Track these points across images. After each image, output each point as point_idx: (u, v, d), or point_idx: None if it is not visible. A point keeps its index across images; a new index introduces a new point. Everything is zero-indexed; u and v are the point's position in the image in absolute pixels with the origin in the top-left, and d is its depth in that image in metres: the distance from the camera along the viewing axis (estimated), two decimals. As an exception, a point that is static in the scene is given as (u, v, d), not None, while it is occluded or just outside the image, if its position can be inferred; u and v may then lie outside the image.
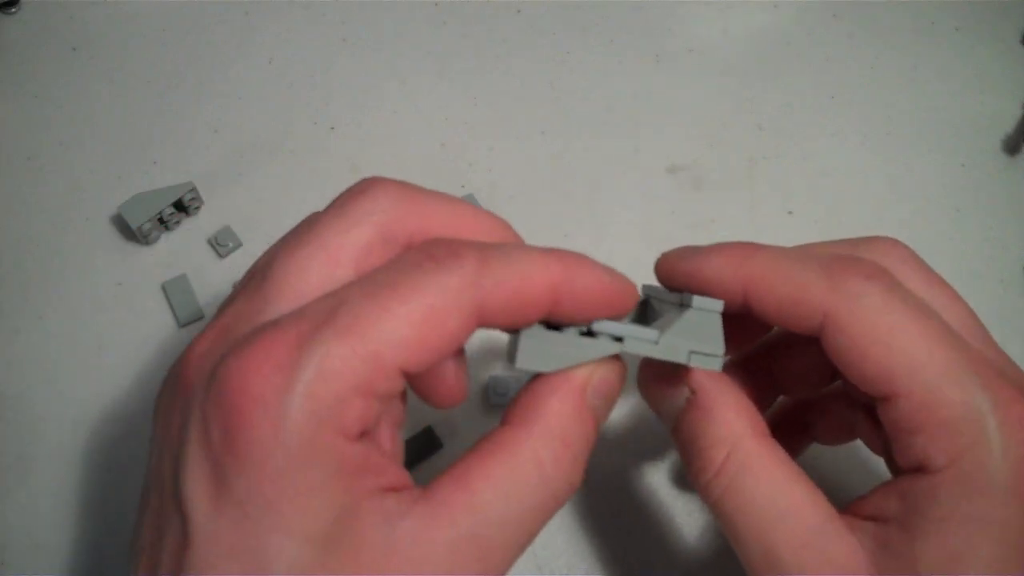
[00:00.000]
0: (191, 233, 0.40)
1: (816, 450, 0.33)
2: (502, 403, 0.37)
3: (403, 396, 0.24)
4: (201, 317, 0.38)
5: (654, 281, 0.29)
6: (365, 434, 0.21)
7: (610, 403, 0.25)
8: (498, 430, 0.23)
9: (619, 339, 0.24)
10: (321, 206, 0.43)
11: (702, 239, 0.41)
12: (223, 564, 0.20)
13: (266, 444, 0.20)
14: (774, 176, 0.42)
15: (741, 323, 0.27)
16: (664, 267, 0.28)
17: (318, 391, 0.20)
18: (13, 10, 0.45)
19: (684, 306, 0.26)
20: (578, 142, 0.43)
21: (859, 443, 0.30)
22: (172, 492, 0.21)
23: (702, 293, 0.26)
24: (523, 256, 0.23)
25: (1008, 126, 0.44)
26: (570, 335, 0.24)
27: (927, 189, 0.42)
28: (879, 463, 0.28)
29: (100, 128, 0.43)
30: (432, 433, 0.37)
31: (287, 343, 0.20)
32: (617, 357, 0.25)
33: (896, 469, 0.25)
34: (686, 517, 0.36)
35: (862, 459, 0.36)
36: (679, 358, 0.25)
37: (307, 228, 0.23)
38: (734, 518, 0.24)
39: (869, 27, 0.46)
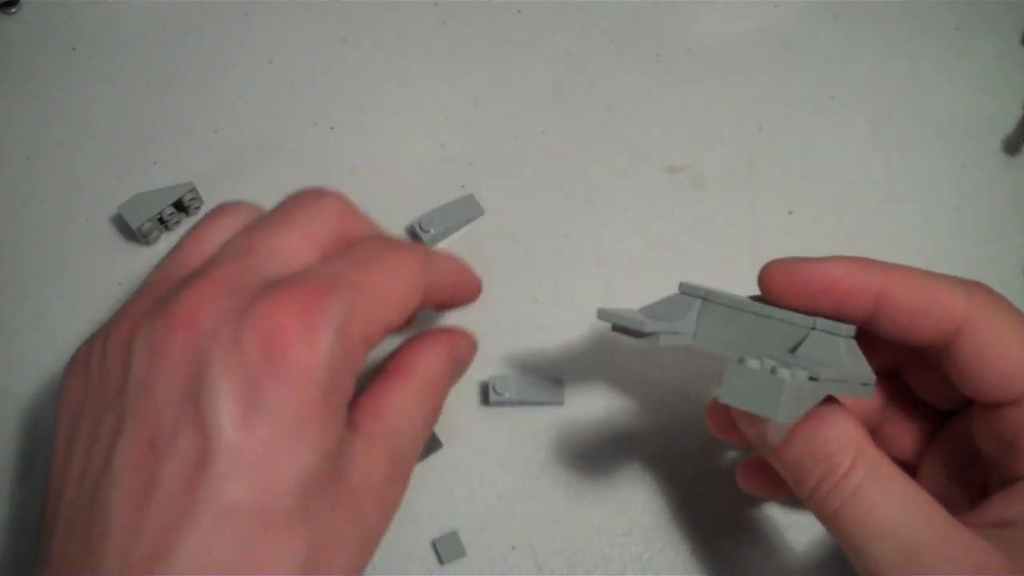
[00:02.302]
0: (191, 233, 0.40)
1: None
2: (502, 402, 0.37)
3: None
4: (201, 317, 0.38)
5: (653, 284, 0.29)
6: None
7: (465, 367, 0.32)
8: (386, 375, 0.29)
9: (814, 378, 0.24)
10: (321, 206, 0.43)
11: (702, 239, 0.41)
12: (248, 472, 0.23)
13: (307, 369, 0.23)
14: (774, 176, 0.42)
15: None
16: (777, 275, 0.28)
17: (349, 332, 0.25)
18: (13, 10, 0.45)
19: (817, 330, 0.26)
20: (578, 142, 0.43)
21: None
22: (183, 419, 0.23)
23: (825, 301, 0.26)
24: (440, 254, 0.31)
25: (1008, 126, 0.44)
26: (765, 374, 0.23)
27: (927, 189, 0.42)
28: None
29: (100, 128, 0.43)
30: (432, 433, 0.37)
31: (316, 291, 0.24)
32: (471, 335, 0.32)
33: (1009, 480, 0.26)
34: (686, 517, 0.36)
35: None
36: (857, 392, 0.25)
37: (284, 216, 0.28)
38: (865, 520, 0.24)
39: (869, 27, 0.46)
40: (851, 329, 0.26)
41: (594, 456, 0.37)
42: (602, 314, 0.27)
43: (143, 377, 0.24)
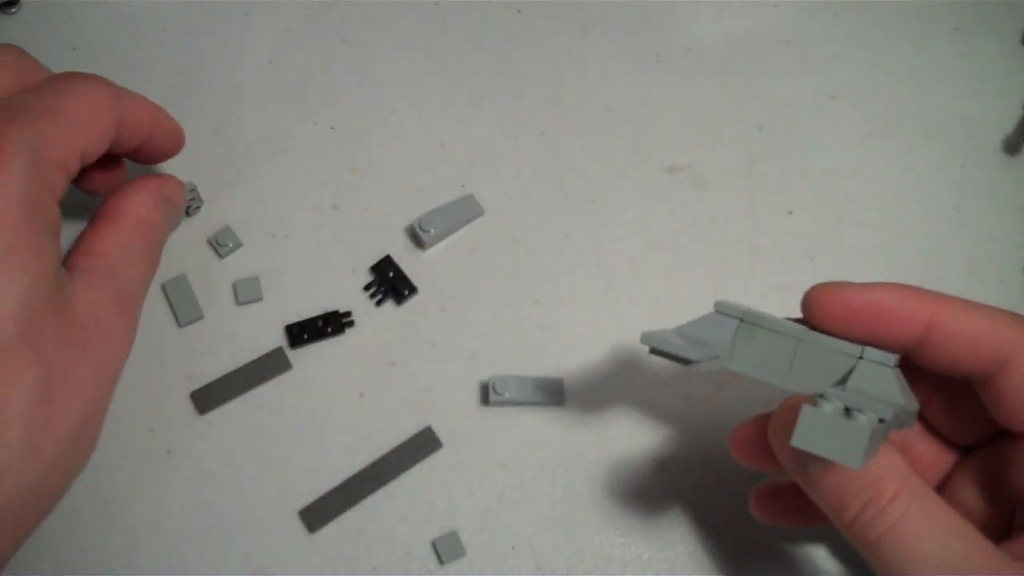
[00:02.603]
0: (191, 233, 0.40)
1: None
2: (502, 403, 0.37)
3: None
4: (201, 317, 0.38)
5: (653, 284, 0.29)
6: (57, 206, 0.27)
7: (178, 211, 0.36)
8: (97, 220, 0.31)
9: (882, 420, 0.23)
10: (321, 206, 0.44)
11: (702, 239, 0.41)
12: None
13: (3, 195, 0.24)
14: (774, 176, 0.42)
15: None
16: (824, 299, 0.27)
17: (43, 157, 0.26)
18: (13, 10, 0.45)
19: (865, 360, 0.26)
20: (578, 142, 0.43)
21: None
22: None
23: (872, 328, 0.26)
24: (123, 90, 0.32)
25: (1008, 126, 0.44)
26: (837, 418, 0.22)
27: (927, 189, 0.42)
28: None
29: (100, 128, 0.43)
30: (432, 433, 0.37)
31: (5, 120, 0.25)
32: (178, 181, 0.36)
33: None
34: (686, 517, 0.36)
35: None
36: (905, 425, 0.25)
37: None
38: (911, 549, 0.24)
39: (869, 27, 0.46)
40: (896, 358, 0.26)
41: (594, 456, 0.37)
42: (646, 338, 0.26)
43: None
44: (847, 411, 0.23)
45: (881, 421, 0.23)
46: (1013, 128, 0.44)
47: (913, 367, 0.28)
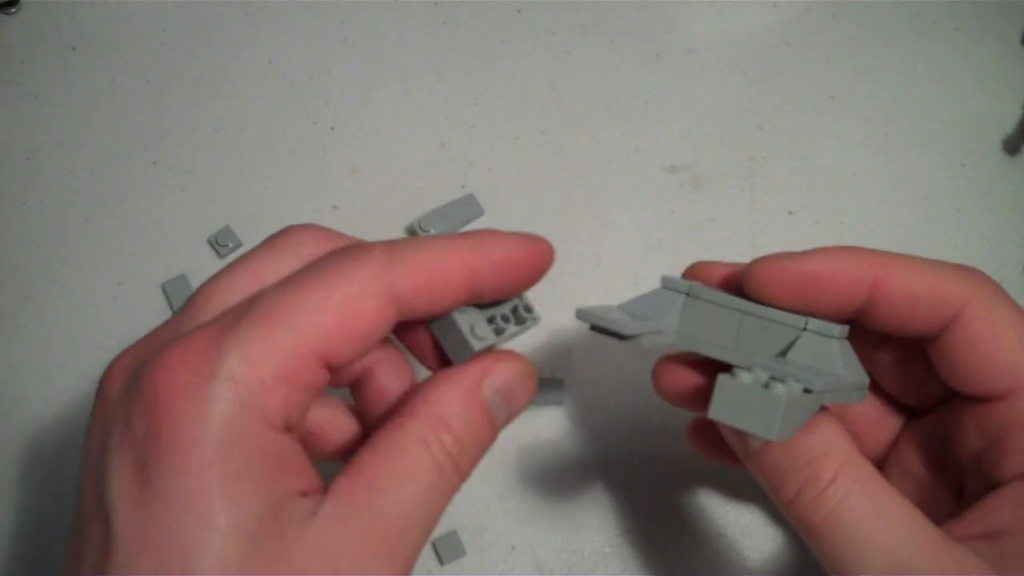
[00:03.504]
0: (191, 233, 0.40)
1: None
2: (502, 403, 0.37)
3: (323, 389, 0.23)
4: (201, 317, 0.38)
5: (653, 284, 0.28)
6: (289, 429, 0.21)
7: (513, 403, 0.24)
8: (390, 421, 0.23)
9: (809, 391, 0.22)
10: (321, 206, 0.43)
11: (702, 239, 0.41)
12: (147, 563, 0.19)
13: (190, 433, 0.19)
14: (774, 176, 0.42)
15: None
16: (766, 273, 0.26)
17: (241, 376, 0.20)
18: (13, 10, 0.45)
19: (809, 331, 0.25)
20: (578, 142, 0.43)
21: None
22: (95, 503, 0.20)
23: (816, 297, 0.25)
24: (430, 242, 0.23)
25: (1008, 126, 0.44)
26: (755, 386, 0.22)
27: (927, 189, 0.42)
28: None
29: (100, 128, 0.43)
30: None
31: (208, 336, 0.20)
32: (522, 360, 0.24)
33: (994, 482, 0.25)
34: (686, 517, 0.36)
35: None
36: (851, 398, 0.24)
37: (237, 260, 0.24)
38: (853, 533, 0.23)
39: (869, 27, 0.46)
40: (844, 330, 0.25)
41: (594, 456, 0.37)
42: (580, 314, 0.25)
43: (85, 460, 0.22)
44: (773, 381, 0.22)
45: (807, 391, 0.22)
46: (1013, 128, 0.44)
47: (864, 331, 0.27)
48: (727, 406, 0.22)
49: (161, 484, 0.19)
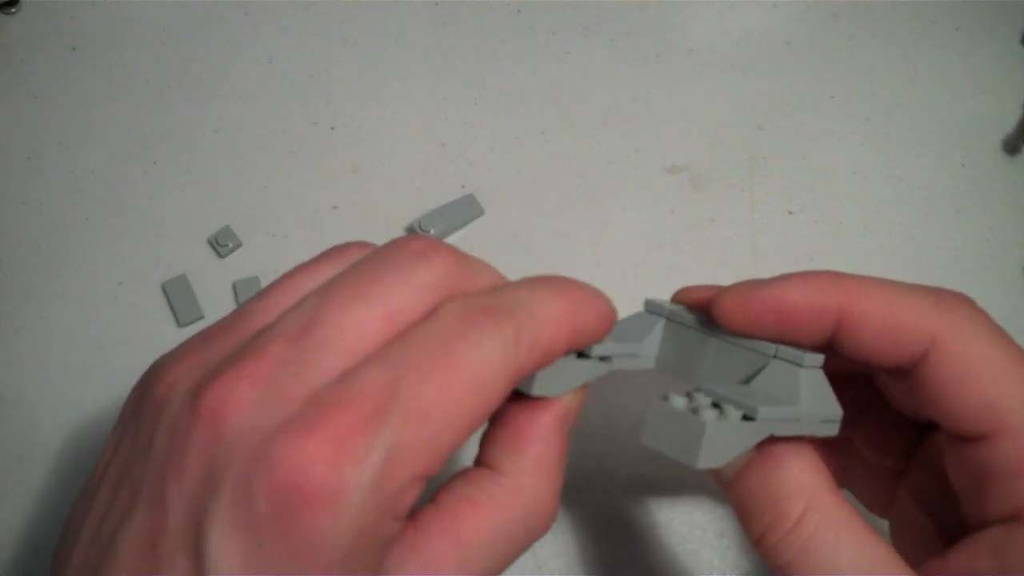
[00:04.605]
0: (191, 233, 0.40)
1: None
2: (502, 403, 0.37)
3: None
4: (201, 317, 0.38)
5: (653, 284, 0.28)
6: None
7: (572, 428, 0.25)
8: (487, 474, 0.23)
9: (750, 418, 0.21)
10: (321, 206, 0.43)
11: (702, 239, 0.41)
12: None
13: (324, 536, 0.19)
14: (774, 176, 0.42)
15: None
16: (729, 305, 0.25)
17: (385, 485, 0.19)
18: (13, 10, 0.45)
19: (778, 359, 0.24)
20: (578, 142, 0.43)
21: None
22: (181, 529, 0.20)
23: (782, 328, 0.24)
24: (544, 310, 0.22)
25: (1008, 126, 0.44)
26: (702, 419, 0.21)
27: (927, 189, 0.42)
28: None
29: (100, 128, 0.43)
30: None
31: (351, 425, 0.19)
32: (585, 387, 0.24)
33: (978, 521, 0.24)
34: (686, 517, 0.36)
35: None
36: (817, 431, 0.23)
37: (367, 283, 0.22)
38: (820, 573, 0.22)
39: (869, 27, 0.46)
40: (818, 358, 0.24)
41: (594, 456, 0.37)
42: None
43: (161, 461, 0.21)
44: (715, 407, 0.21)
45: (747, 419, 0.21)
46: (1013, 128, 0.44)
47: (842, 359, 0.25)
48: (657, 431, 0.21)
49: (278, 565, 0.19)
